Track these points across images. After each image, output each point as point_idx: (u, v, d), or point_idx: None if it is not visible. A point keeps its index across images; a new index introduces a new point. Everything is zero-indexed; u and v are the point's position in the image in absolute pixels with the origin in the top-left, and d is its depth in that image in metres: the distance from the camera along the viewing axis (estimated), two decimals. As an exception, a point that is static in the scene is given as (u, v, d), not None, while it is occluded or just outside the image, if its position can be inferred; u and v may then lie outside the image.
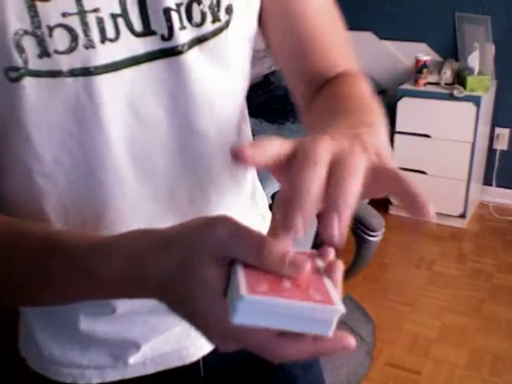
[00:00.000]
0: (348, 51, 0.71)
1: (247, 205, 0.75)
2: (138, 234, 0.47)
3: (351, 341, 0.41)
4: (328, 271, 0.44)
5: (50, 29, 0.50)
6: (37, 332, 0.70)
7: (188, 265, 0.42)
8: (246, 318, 0.38)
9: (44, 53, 0.51)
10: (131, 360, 0.69)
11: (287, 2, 0.65)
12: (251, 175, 0.76)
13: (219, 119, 0.63)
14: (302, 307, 0.38)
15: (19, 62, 0.50)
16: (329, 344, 0.41)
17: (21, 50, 0.49)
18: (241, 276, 0.39)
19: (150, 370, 0.70)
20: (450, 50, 3.12)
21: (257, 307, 0.38)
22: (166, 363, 0.70)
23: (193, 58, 0.58)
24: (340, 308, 0.39)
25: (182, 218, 0.63)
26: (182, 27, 0.56)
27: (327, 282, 0.42)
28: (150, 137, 0.59)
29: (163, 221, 0.61)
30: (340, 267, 0.44)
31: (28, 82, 0.51)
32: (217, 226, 0.42)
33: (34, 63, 0.50)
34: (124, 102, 0.56)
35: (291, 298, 0.38)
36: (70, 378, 0.69)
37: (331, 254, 0.46)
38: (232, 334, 0.42)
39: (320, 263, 0.44)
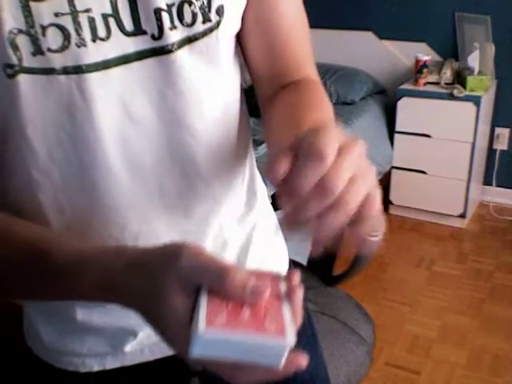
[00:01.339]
0: (312, 60, 0.74)
1: (242, 199, 0.76)
2: (108, 258, 0.50)
3: (303, 361, 0.44)
4: (289, 296, 0.46)
5: (44, 28, 0.52)
6: (37, 322, 0.73)
7: (156, 292, 0.45)
8: (202, 350, 0.41)
9: (38, 51, 0.52)
10: (128, 347, 0.71)
11: (264, 9, 0.67)
12: (248, 170, 0.76)
13: (207, 116, 0.64)
14: (254, 343, 0.41)
15: (14, 60, 0.52)
16: (282, 370, 0.44)
17: (15, 48, 0.51)
18: (203, 306, 0.42)
19: (148, 357, 0.72)
20: (450, 50, 3.12)
21: (212, 341, 0.41)
22: (162, 351, 0.71)
23: (182, 57, 0.59)
24: (289, 342, 0.41)
25: (172, 214, 0.66)
26: (173, 27, 0.58)
27: (286, 309, 0.44)
28: (140, 134, 0.60)
29: (155, 217, 0.64)
30: (300, 293, 0.46)
31: (22, 78, 0.53)
32: (180, 257, 0.44)
33: (29, 61, 0.52)
34: (115, 99, 0.57)
35: (246, 331, 0.41)
36: (71, 366, 0.72)
37: (296, 277, 0.48)
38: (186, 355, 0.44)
39: (283, 287, 0.46)
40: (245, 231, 0.76)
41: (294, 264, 0.87)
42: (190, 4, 0.58)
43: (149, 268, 0.46)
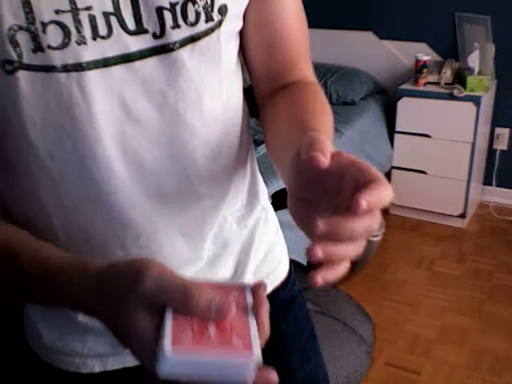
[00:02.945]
0: (310, 60, 0.75)
1: (243, 199, 0.76)
2: (74, 274, 0.51)
3: (273, 378, 0.44)
4: (255, 310, 0.47)
5: (44, 25, 0.52)
6: (39, 323, 0.73)
7: (121, 313, 0.45)
8: (170, 370, 0.41)
9: (38, 48, 0.52)
10: None
11: (265, 10, 0.67)
12: (249, 170, 0.76)
13: (208, 116, 0.64)
14: (220, 361, 0.42)
15: (14, 56, 0.52)
16: None
17: (15, 44, 0.52)
18: (168, 325, 0.43)
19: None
20: (450, 50, 3.12)
21: (179, 361, 0.41)
22: None
23: (184, 56, 0.59)
24: (255, 358, 0.42)
25: (172, 213, 0.66)
26: (176, 26, 0.58)
27: (252, 322, 0.45)
28: (140, 132, 0.60)
29: (155, 216, 0.64)
30: (266, 306, 0.47)
31: (22, 75, 0.53)
32: (144, 277, 0.44)
33: (29, 58, 0.52)
34: (115, 97, 0.57)
35: (212, 349, 0.42)
36: (72, 367, 0.72)
37: (263, 289, 0.49)
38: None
39: (249, 299, 0.47)
40: (246, 231, 0.76)
41: (294, 264, 0.87)
42: (194, 3, 0.58)
43: (113, 288, 0.47)
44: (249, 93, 0.74)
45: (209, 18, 0.60)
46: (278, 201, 0.93)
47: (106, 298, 0.47)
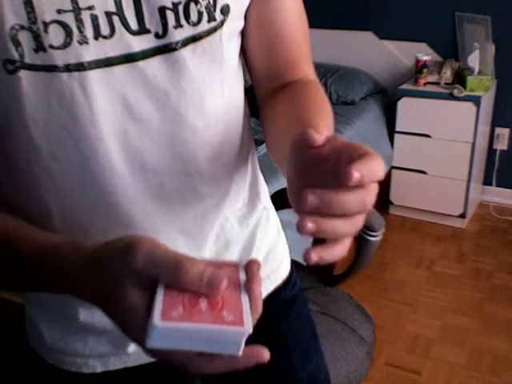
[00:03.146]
0: (310, 59, 0.74)
1: (245, 199, 0.76)
2: (69, 252, 0.50)
3: (265, 354, 0.45)
4: (248, 285, 0.47)
5: (46, 24, 0.52)
6: (39, 323, 0.73)
7: (113, 289, 0.45)
8: (159, 342, 0.42)
9: (40, 47, 0.52)
10: (132, 348, 0.71)
11: (266, 10, 0.67)
12: (251, 170, 0.76)
13: (209, 115, 0.64)
14: (210, 331, 0.42)
15: (15, 56, 0.52)
16: (243, 360, 0.44)
17: (17, 43, 0.51)
18: (159, 299, 0.43)
19: (151, 358, 0.71)
20: (450, 50, 3.12)
21: (168, 333, 0.42)
22: None
23: (186, 56, 0.59)
24: (246, 330, 0.42)
25: (173, 213, 0.66)
26: (179, 26, 0.58)
27: (244, 298, 0.45)
28: (141, 132, 0.60)
29: (156, 215, 0.64)
30: (259, 281, 0.47)
31: (23, 74, 0.53)
32: (135, 252, 0.44)
33: (31, 57, 0.52)
34: (117, 97, 0.57)
35: (202, 322, 0.42)
36: (74, 367, 0.72)
37: (256, 266, 0.49)
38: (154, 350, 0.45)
39: (242, 276, 0.47)
40: (247, 231, 0.76)
41: (294, 264, 0.87)
42: (196, 3, 0.58)
43: (105, 265, 0.46)
44: (249, 93, 0.74)
45: (211, 18, 0.60)
46: (278, 201, 0.93)
47: (99, 274, 0.47)
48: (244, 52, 0.70)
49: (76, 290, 0.51)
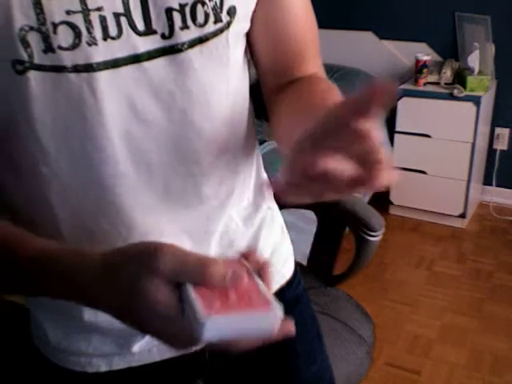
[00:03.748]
0: (319, 58, 0.75)
1: (249, 199, 0.76)
2: (80, 264, 0.51)
3: (291, 327, 0.49)
4: (261, 272, 0.51)
5: (55, 25, 0.52)
6: (44, 322, 0.72)
7: (139, 292, 0.46)
8: (210, 334, 0.45)
9: (49, 48, 0.52)
10: (136, 347, 0.71)
11: (273, 7, 0.67)
12: (255, 170, 0.76)
13: (215, 116, 0.64)
14: (250, 318, 0.47)
15: (24, 56, 0.52)
16: (275, 336, 0.48)
17: (26, 44, 0.51)
18: (195, 297, 0.46)
19: (156, 357, 0.72)
20: (450, 50, 3.12)
21: (218, 325, 0.45)
22: (170, 351, 0.71)
23: (192, 57, 0.59)
24: (279, 309, 0.47)
25: (178, 213, 0.67)
26: (185, 27, 0.58)
27: (261, 285, 0.50)
28: (147, 132, 0.60)
29: (161, 216, 0.64)
30: (269, 266, 0.51)
31: (32, 75, 0.53)
32: (159, 256, 0.46)
33: (40, 58, 0.52)
34: (123, 98, 0.57)
35: (242, 310, 0.46)
36: (78, 367, 0.72)
37: (255, 255, 0.52)
38: (195, 342, 0.47)
39: (247, 265, 0.51)
40: (252, 230, 0.76)
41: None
42: (203, 4, 0.58)
43: (123, 270, 0.47)
44: (251, 92, 0.74)
45: (218, 19, 0.60)
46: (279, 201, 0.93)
47: (117, 283, 0.47)
48: (250, 47, 0.70)
49: (85, 299, 0.51)
